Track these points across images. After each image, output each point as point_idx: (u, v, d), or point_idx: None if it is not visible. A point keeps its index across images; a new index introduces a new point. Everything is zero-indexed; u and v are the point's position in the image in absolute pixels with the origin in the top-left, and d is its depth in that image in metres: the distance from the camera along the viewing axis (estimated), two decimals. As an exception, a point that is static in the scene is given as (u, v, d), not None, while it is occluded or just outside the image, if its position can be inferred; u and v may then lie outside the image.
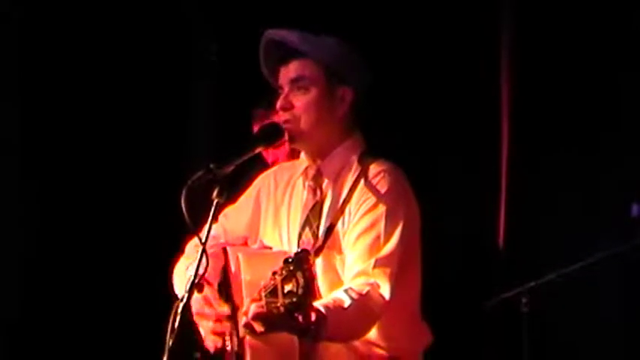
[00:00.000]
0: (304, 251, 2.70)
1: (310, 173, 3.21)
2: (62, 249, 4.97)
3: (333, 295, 2.94)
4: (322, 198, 3.16)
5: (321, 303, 2.86)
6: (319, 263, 3.07)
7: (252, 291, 2.83)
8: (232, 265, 3.18)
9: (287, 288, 2.58)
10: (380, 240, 3.01)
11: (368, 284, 2.94)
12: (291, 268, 2.59)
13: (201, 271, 2.82)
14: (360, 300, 2.90)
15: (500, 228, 4.46)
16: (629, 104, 4.30)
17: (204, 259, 2.81)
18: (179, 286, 3.25)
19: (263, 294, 2.66)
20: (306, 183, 3.22)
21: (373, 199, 3.05)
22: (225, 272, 3.23)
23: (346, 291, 2.91)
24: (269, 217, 3.28)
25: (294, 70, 3.14)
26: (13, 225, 4.99)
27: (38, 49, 4.96)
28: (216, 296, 3.14)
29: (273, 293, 2.62)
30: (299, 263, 2.60)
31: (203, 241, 2.83)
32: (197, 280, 2.82)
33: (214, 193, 2.89)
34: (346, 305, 2.86)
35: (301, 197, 3.21)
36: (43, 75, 4.96)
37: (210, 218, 2.87)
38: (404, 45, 4.56)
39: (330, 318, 2.79)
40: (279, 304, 2.60)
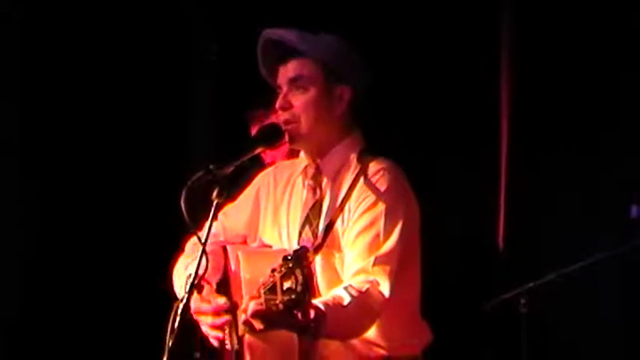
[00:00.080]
0: (303, 248, 2.70)
1: (310, 172, 3.20)
2: (62, 249, 4.97)
3: (333, 293, 2.93)
4: (322, 196, 3.15)
5: (321, 300, 2.85)
6: (319, 261, 3.06)
7: (251, 289, 2.82)
8: (232, 264, 3.18)
9: (286, 285, 2.58)
10: (379, 238, 3.00)
11: (368, 282, 2.94)
12: (290, 266, 2.59)
13: (200, 272, 2.81)
14: (360, 297, 2.89)
15: (499, 228, 4.46)
16: (629, 104, 4.29)
17: (203, 260, 2.80)
18: (178, 286, 3.25)
19: (262, 291, 2.65)
20: (305, 182, 3.21)
21: (373, 197, 3.04)
22: (225, 271, 3.23)
23: (346, 288, 2.90)
24: (268, 216, 3.27)
25: (292, 70, 3.13)
26: (13, 225, 4.99)
27: (38, 49, 4.96)
28: (212, 291, 3.14)
29: (272, 290, 2.61)
30: (298, 260, 2.59)
31: (203, 242, 2.82)
32: (197, 281, 2.82)
33: (214, 194, 2.89)
34: (346, 303, 2.86)
35: (301, 196, 3.21)
36: (43, 75, 4.97)
37: (210, 218, 2.87)
38: (404, 44, 4.56)
39: (330, 315, 2.78)
40: (278, 302, 2.59)
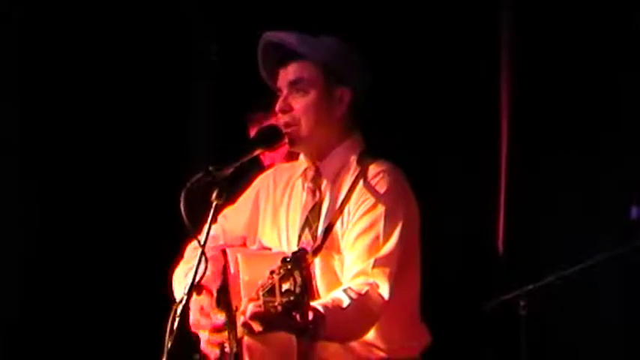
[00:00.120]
0: (302, 250, 2.71)
1: (309, 174, 3.19)
2: (62, 249, 4.97)
3: (332, 295, 2.92)
4: (321, 199, 3.15)
5: (320, 302, 2.84)
6: (318, 264, 3.06)
7: (250, 292, 2.82)
8: (231, 266, 3.17)
9: (284, 287, 2.57)
10: (379, 240, 2.99)
11: (367, 284, 2.93)
12: (288, 267, 2.58)
13: (200, 272, 2.81)
14: (359, 300, 2.88)
15: (499, 229, 4.46)
16: (629, 104, 4.29)
17: (203, 261, 2.80)
18: (178, 292, 3.23)
19: (261, 293, 2.65)
20: (305, 184, 3.20)
21: (372, 200, 3.03)
22: (224, 274, 3.23)
23: (345, 291, 2.89)
24: (267, 218, 3.26)
25: (292, 73, 3.13)
26: (13, 225, 4.99)
27: (38, 49, 4.96)
28: (212, 305, 3.13)
29: (270, 292, 2.61)
30: (296, 262, 2.59)
31: (202, 243, 2.82)
32: (196, 282, 2.82)
33: (213, 195, 2.89)
34: (345, 305, 2.85)
35: (300, 198, 3.20)
36: (43, 75, 4.97)
37: (209, 220, 2.86)
38: (404, 45, 4.56)
39: (329, 317, 2.78)
40: (276, 303, 2.59)
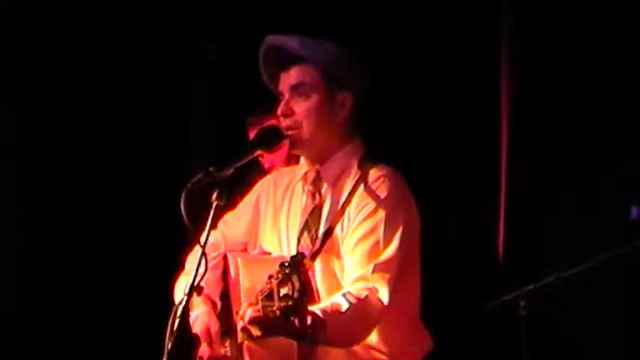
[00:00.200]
0: (300, 255, 2.71)
1: (310, 178, 3.20)
2: (62, 249, 4.97)
3: (331, 300, 2.93)
4: (321, 202, 3.15)
5: (319, 307, 2.85)
6: (318, 268, 3.06)
7: (250, 296, 2.82)
8: (232, 271, 3.17)
9: (283, 291, 2.58)
10: (379, 245, 3.00)
11: (366, 289, 2.94)
12: (286, 272, 2.59)
13: (200, 273, 2.81)
14: (359, 304, 2.89)
15: (499, 229, 4.45)
16: (629, 104, 4.28)
17: (203, 262, 2.80)
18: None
19: (259, 298, 2.65)
20: (305, 187, 3.20)
21: (373, 204, 3.04)
22: (225, 280, 3.23)
23: (344, 295, 2.90)
24: (268, 222, 3.27)
25: (294, 77, 3.13)
26: (13, 225, 4.99)
27: (38, 49, 4.96)
28: (217, 337, 3.15)
29: (269, 297, 2.61)
30: (295, 267, 2.59)
31: (202, 244, 2.82)
32: (196, 283, 2.82)
33: (214, 196, 2.89)
34: (344, 309, 2.86)
35: (300, 202, 3.20)
36: (43, 75, 4.96)
37: (209, 220, 2.86)
38: (404, 45, 4.55)
39: (328, 322, 2.78)
40: (275, 308, 2.59)
